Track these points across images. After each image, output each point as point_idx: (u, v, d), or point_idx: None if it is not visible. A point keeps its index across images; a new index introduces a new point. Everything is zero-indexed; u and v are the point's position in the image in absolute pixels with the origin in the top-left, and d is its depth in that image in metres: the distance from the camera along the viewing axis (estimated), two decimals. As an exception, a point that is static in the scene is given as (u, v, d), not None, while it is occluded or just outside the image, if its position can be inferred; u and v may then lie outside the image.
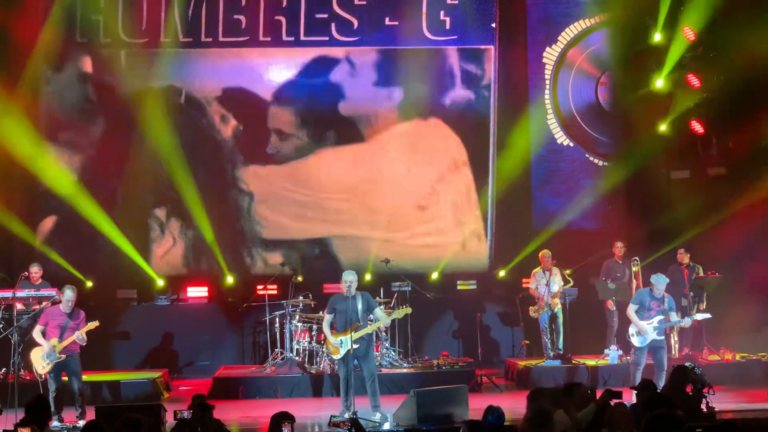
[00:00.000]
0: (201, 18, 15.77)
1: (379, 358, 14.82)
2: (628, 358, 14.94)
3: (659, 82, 16.53)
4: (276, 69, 16.22)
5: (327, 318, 12.16)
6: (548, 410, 7.57)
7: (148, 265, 16.62)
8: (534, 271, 15.37)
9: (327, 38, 15.97)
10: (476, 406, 12.37)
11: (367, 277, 16.33)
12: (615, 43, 16.61)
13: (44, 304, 13.98)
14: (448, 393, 11.68)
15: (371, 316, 12.37)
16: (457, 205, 16.82)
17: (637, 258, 15.45)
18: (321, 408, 12.93)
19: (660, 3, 16.21)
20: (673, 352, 15.12)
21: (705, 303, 15.28)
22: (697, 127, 16.42)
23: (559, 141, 16.77)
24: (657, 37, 16.47)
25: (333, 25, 15.99)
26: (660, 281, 12.87)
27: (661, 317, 12.81)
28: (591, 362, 15.00)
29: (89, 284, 16.31)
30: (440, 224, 16.77)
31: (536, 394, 9.70)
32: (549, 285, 15.06)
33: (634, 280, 15.35)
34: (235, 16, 15.93)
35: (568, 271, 15.80)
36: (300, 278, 16.00)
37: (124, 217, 16.29)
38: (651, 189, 16.82)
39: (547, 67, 16.60)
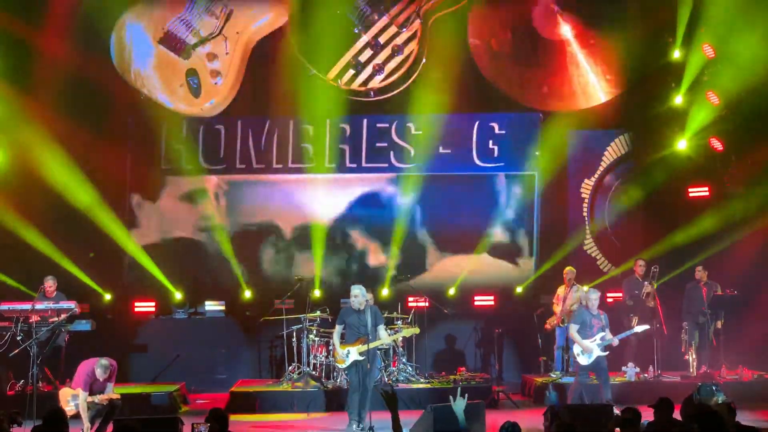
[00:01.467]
0: (272, 146, 16.06)
1: (396, 373, 14.86)
2: (646, 375, 14.93)
3: (678, 99, 16.51)
4: (340, 193, 16.57)
5: (337, 329, 12.60)
6: (572, 425, 7.56)
7: (166, 278, 16.69)
8: (558, 288, 15.48)
9: (386, 165, 16.33)
10: (493, 423, 12.37)
11: (384, 291, 16.35)
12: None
13: (63, 316, 14.11)
14: (466, 409, 11.64)
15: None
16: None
17: (655, 269, 15.29)
18: (337, 423, 12.94)
19: (678, 20, 16.20)
20: (691, 370, 15.06)
21: (722, 321, 15.21)
22: (717, 144, 16.39)
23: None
24: (676, 54, 16.44)
25: (392, 153, 16.37)
26: (593, 297, 13.09)
27: (602, 333, 13.01)
28: (608, 379, 14.97)
29: (107, 297, 16.40)
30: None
31: (554, 410, 9.72)
32: (565, 300, 15.12)
33: (652, 300, 15.26)
34: (303, 145, 16.25)
35: (585, 288, 15.77)
36: (317, 293, 16.05)
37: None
38: (669, 206, 16.76)
39: (584, 194, 16.98)
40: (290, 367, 15.30)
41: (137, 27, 15.35)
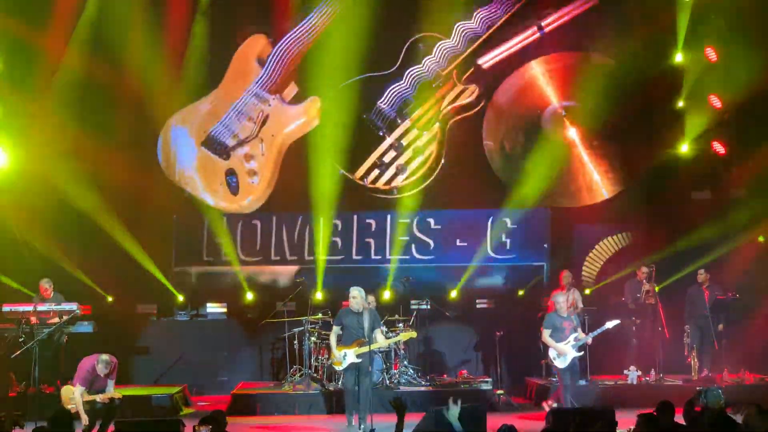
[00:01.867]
0: (304, 240, 16.56)
1: (397, 375, 14.87)
2: (648, 378, 14.93)
3: (680, 103, 16.51)
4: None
5: (334, 330, 12.75)
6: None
7: (168, 280, 16.71)
8: (554, 291, 15.45)
9: (408, 257, 16.77)
10: (494, 426, 12.35)
11: (386, 295, 16.38)
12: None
13: (65, 318, 14.13)
14: (466, 412, 11.64)
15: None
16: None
17: (653, 267, 15.34)
18: (339, 425, 12.95)
19: (679, 23, 16.21)
20: (693, 374, 15.05)
21: (724, 324, 15.20)
22: (719, 148, 16.39)
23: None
24: (678, 57, 16.44)
25: (413, 246, 16.78)
26: (559, 300, 13.32)
27: (575, 334, 13.15)
28: (610, 382, 14.97)
29: (110, 299, 16.42)
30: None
31: (555, 414, 9.71)
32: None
33: (652, 298, 15.25)
34: (333, 239, 16.73)
35: (588, 291, 15.79)
36: (319, 295, 16.07)
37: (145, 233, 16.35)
38: (671, 210, 16.74)
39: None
40: (292, 370, 15.33)
41: (183, 130, 16.22)
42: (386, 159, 16.16)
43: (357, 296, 12.52)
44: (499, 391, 14.89)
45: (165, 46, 15.91)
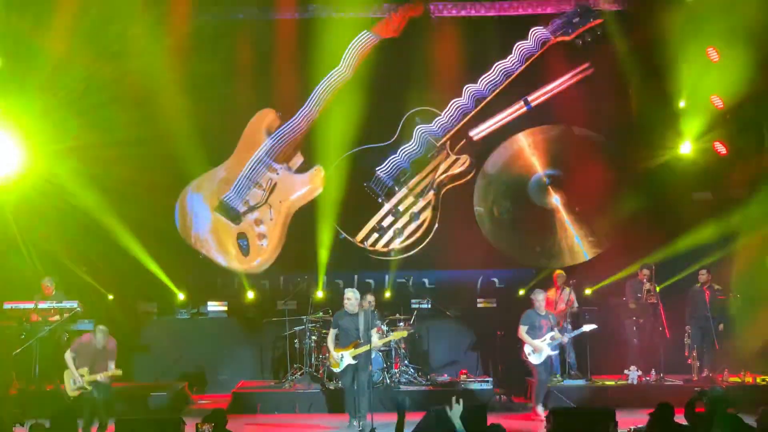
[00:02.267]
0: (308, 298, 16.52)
1: (397, 375, 14.89)
2: (648, 378, 14.93)
3: (681, 104, 16.48)
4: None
5: (331, 333, 13.17)
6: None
7: (169, 278, 16.74)
8: (548, 291, 15.57)
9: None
10: (495, 425, 12.37)
11: (387, 294, 16.47)
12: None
13: (66, 315, 14.15)
14: (467, 412, 11.63)
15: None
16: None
17: (652, 267, 15.47)
18: (339, 424, 12.96)
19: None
20: (694, 374, 15.06)
21: (725, 324, 15.20)
22: (720, 148, 16.36)
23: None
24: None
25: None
26: (539, 297, 13.72)
27: (552, 333, 13.52)
28: (610, 382, 14.97)
29: (110, 297, 16.42)
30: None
31: (556, 414, 9.71)
32: (557, 304, 15.23)
33: (653, 297, 15.26)
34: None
35: (589, 291, 15.78)
36: (320, 294, 16.09)
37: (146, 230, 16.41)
38: (673, 210, 16.71)
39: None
40: (292, 369, 15.34)
41: (198, 197, 16.99)
42: (384, 224, 16.88)
43: (351, 297, 13.00)
44: (500, 391, 14.91)
45: (168, 39, 16.02)
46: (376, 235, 16.86)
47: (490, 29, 16.84)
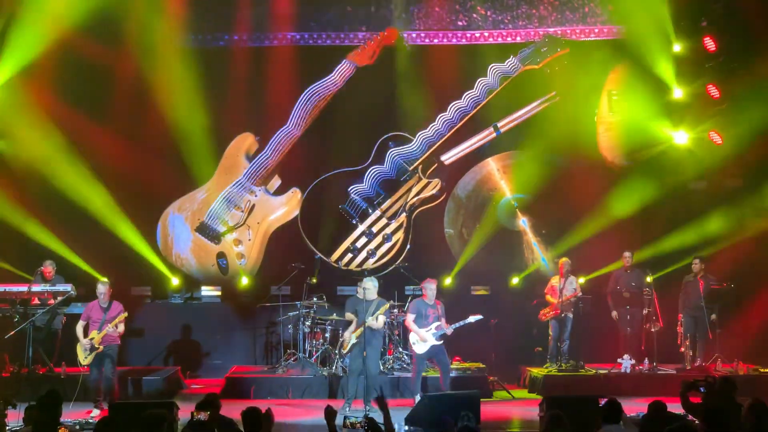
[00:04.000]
0: None
1: (391, 361, 14.91)
2: (641, 367, 14.96)
3: (678, 93, 16.47)
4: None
5: (347, 317, 13.61)
6: (561, 414, 7.58)
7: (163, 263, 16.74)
8: (552, 278, 15.68)
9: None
10: (488, 413, 12.40)
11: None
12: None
13: (59, 299, 14.13)
14: (460, 398, 11.68)
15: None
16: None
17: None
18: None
19: (679, 12, 16.22)
20: (686, 363, 15.09)
21: (717, 314, 15.22)
22: (716, 138, 16.35)
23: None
24: (677, 47, 16.42)
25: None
26: (429, 288, 13.69)
27: (438, 323, 13.45)
28: (603, 370, 15.00)
29: (104, 281, 16.39)
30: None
31: (550, 401, 9.70)
32: (562, 291, 15.17)
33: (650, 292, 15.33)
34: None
35: (582, 280, 15.78)
36: (314, 280, 16.08)
37: (141, 214, 16.41)
38: (668, 199, 16.71)
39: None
40: (286, 354, 15.35)
41: (179, 218, 17.31)
42: (358, 244, 17.22)
43: (370, 287, 13.33)
44: (494, 378, 14.93)
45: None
46: (350, 255, 17.21)
47: (462, 57, 17.25)
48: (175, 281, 16.81)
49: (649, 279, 15.38)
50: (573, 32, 17.39)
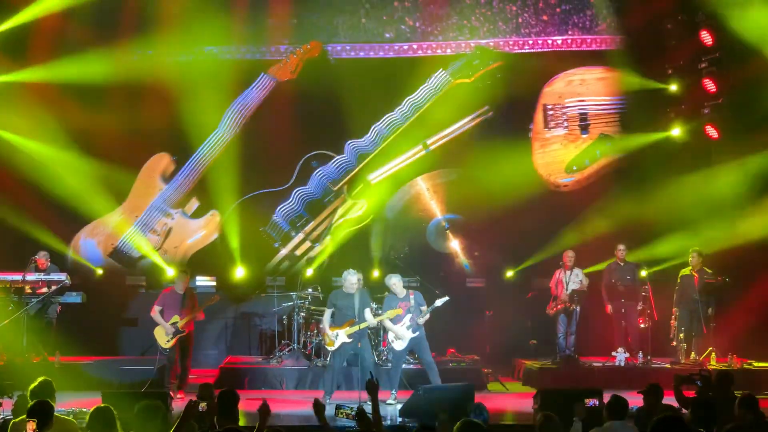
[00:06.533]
0: None
1: (385, 353, 14.90)
2: (635, 361, 14.97)
3: (674, 87, 16.48)
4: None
5: (327, 312, 13.12)
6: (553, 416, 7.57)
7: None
8: (556, 271, 15.57)
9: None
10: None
11: (375, 273, 16.44)
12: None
13: (53, 288, 14.10)
14: (455, 390, 11.68)
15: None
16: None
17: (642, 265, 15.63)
18: (327, 400, 12.95)
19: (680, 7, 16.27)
20: (680, 357, 15.09)
21: (713, 308, 15.22)
22: (712, 131, 16.36)
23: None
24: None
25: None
26: (393, 281, 13.26)
27: (411, 315, 13.11)
28: (598, 363, 15.01)
29: (99, 272, 16.44)
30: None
31: (544, 394, 9.69)
32: (567, 284, 15.16)
33: (642, 285, 15.34)
34: None
35: (585, 272, 15.79)
36: (309, 272, 16.10)
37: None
38: (663, 193, 16.70)
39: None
40: (280, 345, 15.35)
41: (91, 242, 16.86)
42: (282, 268, 16.98)
43: (350, 278, 12.93)
44: (488, 370, 14.94)
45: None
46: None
47: (390, 70, 16.91)
48: (170, 272, 16.78)
49: (643, 273, 15.39)
50: (506, 44, 17.05)
